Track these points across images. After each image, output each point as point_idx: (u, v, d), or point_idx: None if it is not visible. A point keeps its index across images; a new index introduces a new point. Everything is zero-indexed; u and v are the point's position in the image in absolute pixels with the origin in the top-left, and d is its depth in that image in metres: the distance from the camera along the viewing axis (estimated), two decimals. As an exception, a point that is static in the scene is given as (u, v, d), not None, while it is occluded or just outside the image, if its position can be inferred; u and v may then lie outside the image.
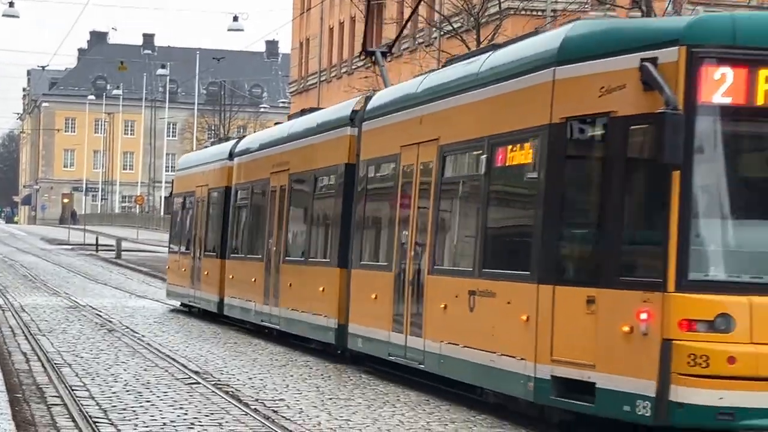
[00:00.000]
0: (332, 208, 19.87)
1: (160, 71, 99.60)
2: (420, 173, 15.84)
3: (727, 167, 10.99)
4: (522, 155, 13.11)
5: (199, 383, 15.44)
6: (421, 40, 43.18)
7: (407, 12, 41.57)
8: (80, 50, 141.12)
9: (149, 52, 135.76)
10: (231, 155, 26.55)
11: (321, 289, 19.66)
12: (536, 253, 12.30)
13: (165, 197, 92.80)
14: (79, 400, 13.38)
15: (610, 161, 11.44)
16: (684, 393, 10.46)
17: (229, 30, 51.88)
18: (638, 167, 11.44)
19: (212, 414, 12.85)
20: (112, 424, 11.91)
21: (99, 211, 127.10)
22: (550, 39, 13.05)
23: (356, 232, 18.31)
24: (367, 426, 12.39)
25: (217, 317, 26.64)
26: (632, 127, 11.20)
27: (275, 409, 13.37)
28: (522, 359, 12.35)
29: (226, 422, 12.33)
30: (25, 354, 18.32)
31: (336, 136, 19.71)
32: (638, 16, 25.53)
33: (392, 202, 16.78)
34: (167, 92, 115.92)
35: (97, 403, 13.25)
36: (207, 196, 28.27)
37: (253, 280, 23.26)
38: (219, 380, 15.88)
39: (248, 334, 23.69)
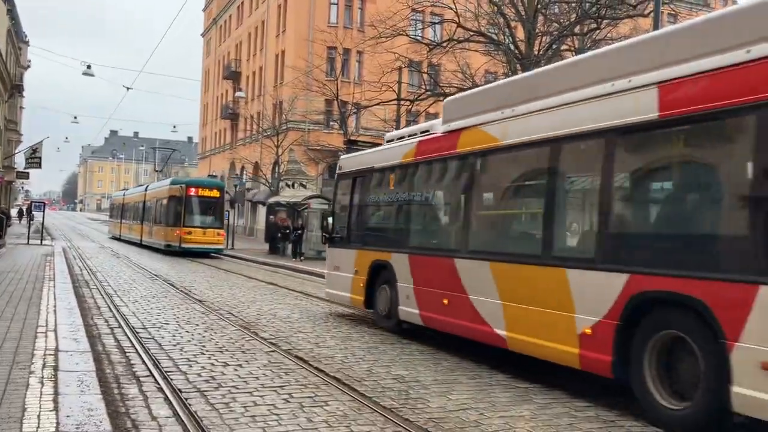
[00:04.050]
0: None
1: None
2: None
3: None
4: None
5: (158, 278, 20.58)
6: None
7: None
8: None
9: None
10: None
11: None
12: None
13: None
14: (104, 287, 17.52)
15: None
16: None
17: (171, 131, 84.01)
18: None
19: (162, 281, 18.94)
20: (118, 296, 15.84)
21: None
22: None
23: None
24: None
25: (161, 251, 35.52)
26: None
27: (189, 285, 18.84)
28: None
29: (163, 286, 17.88)
30: (80, 267, 23.11)
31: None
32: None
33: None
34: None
35: (113, 288, 17.55)
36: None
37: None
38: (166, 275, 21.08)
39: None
